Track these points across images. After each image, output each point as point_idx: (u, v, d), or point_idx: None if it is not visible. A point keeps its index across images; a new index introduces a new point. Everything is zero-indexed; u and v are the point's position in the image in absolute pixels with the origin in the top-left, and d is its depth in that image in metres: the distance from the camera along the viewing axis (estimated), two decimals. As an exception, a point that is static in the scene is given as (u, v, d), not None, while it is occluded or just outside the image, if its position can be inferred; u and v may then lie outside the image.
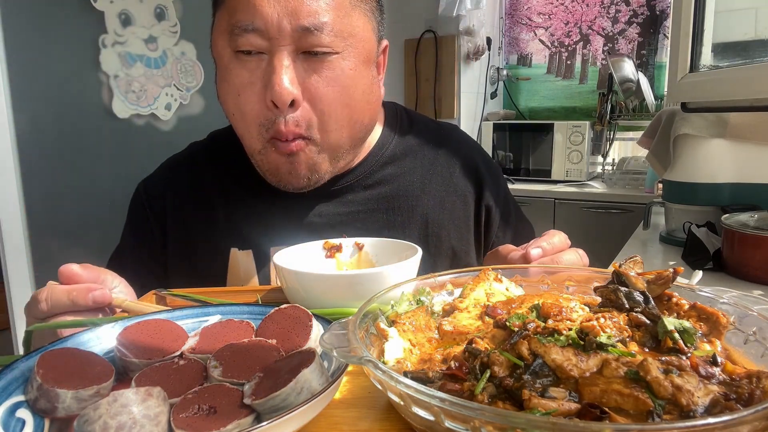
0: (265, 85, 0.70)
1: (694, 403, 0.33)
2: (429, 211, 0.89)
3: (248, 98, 0.72)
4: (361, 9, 0.74)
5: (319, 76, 0.71)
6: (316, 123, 0.73)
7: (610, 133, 3.08)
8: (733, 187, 1.47)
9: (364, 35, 0.74)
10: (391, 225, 0.87)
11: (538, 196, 2.82)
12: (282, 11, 0.68)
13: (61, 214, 1.99)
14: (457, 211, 0.92)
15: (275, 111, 0.71)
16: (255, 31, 0.68)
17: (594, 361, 0.38)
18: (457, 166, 0.93)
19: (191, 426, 0.37)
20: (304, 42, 0.69)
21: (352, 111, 0.76)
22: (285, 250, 0.70)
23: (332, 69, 0.72)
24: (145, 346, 0.47)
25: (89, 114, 2.05)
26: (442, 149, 0.94)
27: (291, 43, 0.69)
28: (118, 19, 2.06)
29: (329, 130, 0.74)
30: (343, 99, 0.73)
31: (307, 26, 0.68)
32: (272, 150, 0.74)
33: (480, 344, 0.42)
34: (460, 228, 0.92)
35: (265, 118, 0.72)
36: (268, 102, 0.70)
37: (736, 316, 0.45)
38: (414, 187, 0.89)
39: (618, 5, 3.22)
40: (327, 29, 0.69)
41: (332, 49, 0.71)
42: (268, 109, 0.71)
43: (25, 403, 0.41)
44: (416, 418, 0.36)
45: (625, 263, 0.51)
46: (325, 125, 0.74)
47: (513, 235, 0.96)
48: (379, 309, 0.49)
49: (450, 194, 0.92)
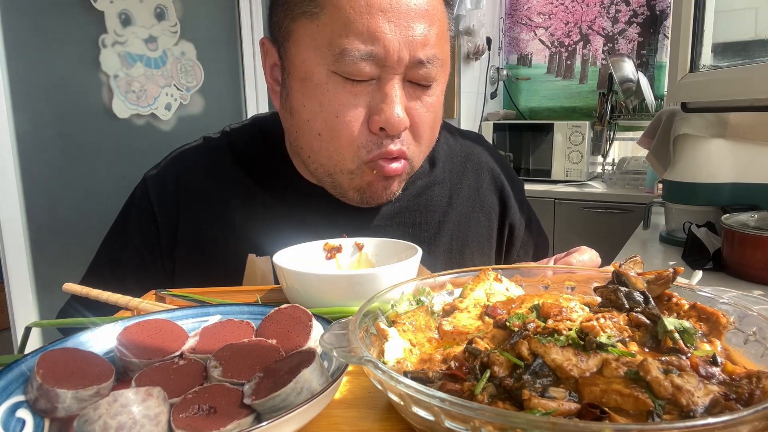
0: (373, 110, 0.70)
1: (694, 403, 0.33)
2: (454, 227, 0.88)
3: (348, 121, 0.70)
4: (450, 33, 0.76)
5: (421, 103, 0.73)
6: (415, 145, 0.75)
7: (610, 133, 3.08)
8: (733, 187, 1.47)
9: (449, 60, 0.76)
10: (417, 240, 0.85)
11: (538, 196, 2.82)
12: (402, 41, 0.67)
13: (61, 214, 1.99)
14: (482, 228, 0.91)
15: (380, 135, 0.71)
16: (371, 59, 0.67)
17: (594, 361, 0.38)
18: (484, 182, 0.93)
19: (191, 426, 0.37)
20: (415, 73, 0.70)
21: (435, 133, 0.79)
22: (285, 250, 0.70)
23: (431, 96, 0.74)
24: (145, 346, 0.47)
25: (89, 114, 2.04)
26: (470, 161, 0.93)
27: (403, 72, 0.69)
28: (118, 19, 2.06)
29: (422, 152, 0.77)
30: (434, 123, 0.76)
31: (422, 59, 0.68)
32: (369, 171, 0.74)
33: (480, 344, 0.42)
34: (482, 245, 0.91)
35: (367, 141, 0.71)
36: (374, 127, 0.70)
37: (736, 316, 0.45)
38: (442, 201, 0.89)
39: (618, 5, 3.22)
40: (436, 61, 0.70)
41: (437, 79, 0.73)
42: (372, 133, 0.71)
43: (25, 403, 0.41)
44: (416, 418, 0.36)
45: (625, 263, 0.51)
46: (419, 147, 0.76)
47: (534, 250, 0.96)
48: (379, 309, 0.49)
49: (476, 210, 0.91)
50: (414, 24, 0.67)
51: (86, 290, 0.66)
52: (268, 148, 0.86)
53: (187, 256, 0.84)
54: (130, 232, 0.86)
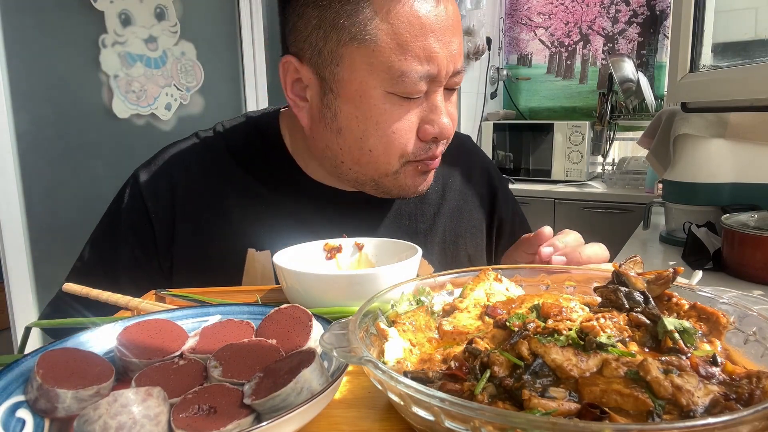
0: (424, 121, 0.75)
1: (694, 403, 0.33)
2: (448, 219, 0.93)
3: (402, 135, 0.75)
4: None
5: (452, 104, 0.79)
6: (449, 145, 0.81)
7: (610, 133, 3.08)
8: (733, 187, 1.47)
9: None
10: (415, 231, 0.90)
11: (538, 196, 2.82)
12: (448, 57, 0.72)
13: (61, 214, 1.99)
14: (474, 220, 0.96)
15: (430, 142, 0.76)
16: (427, 77, 0.72)
17: (594, 361, 0.38)
18: (473, 176, 0.98)
19: (191, 426, 0.37)
20: (451, 81, 0.76)
21: None
22: (285, 250, 0.70)
23: (454, 97, 0.80)
24: (145, 346, 0.47)
25: (89, 114, 2.04)
26: (460, 157, 0.98)
27: (443, 83, 0.75)
28: (118, 19, 2.06)
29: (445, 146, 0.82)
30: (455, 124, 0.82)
31: (459, 70, 0.75)
32: (411, 170, 0.78)
33: (480, 344, 0.42)
34: (475, 236, 0.95)
35: (416, 149, 0.76)
36: (426, 137, 0.75)
37: (736, 316, 0.45)
38: (437, 193, 0.93)
39: (618, 5, 3.22)
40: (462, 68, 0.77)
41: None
42: (421, 140, 0.76)
43: (25, 403, 0.41)
44: (416, 418, 0.36)
45: (625, 263, 0.51)
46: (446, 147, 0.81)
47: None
48: (379, 309, 0.49)
49: (467, 203, 0.95)
50: (453, 39, 0.73)
51: (86, 290, 0.66)
52: (266, 147, 0.87)
53: (185, 254, 0.84)
54: (122, 231, 0.85)
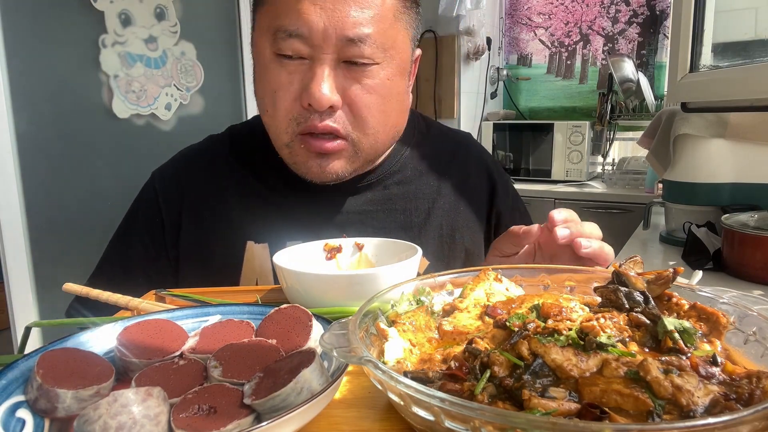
0: (303, 87, 0.73)
1: (694, 403, 0.33)
2: (444, 213, 0.92)
3: (284, 96, 0.75)
4: (404, 21, 0.78)
5: (359, 85, 0.75)
6: (356, 125, 0.77)
7: (610, 133, 3.08)
8: (733, 187, 1.47)
9: (403, 46, 0.78)
10: (408, 225, 0.90)
11: (538, 196, 2.81)
12: (328, 21, 0.70)
13: (61, 214, 1.99)
14: (471, 214, 0.95)
15: (310, 110, 0.74)
16: (299, 37, 0.71)
17: (594, 361, 0.38)
18: (471, 172, 0.97)
19: (191, 426, 0.37)
20: (346, 51, 0.72)
21: (388, 117, 0.80)
22: (285, 250, 0.71)
23: (372, 78, 0.75)
24: (145, 346, 0.47)
25: (89, 114, 2.04)
26: (457, 154, 0.98)
27: (334, 51, 0.72)
28: (118, 19, 2.06)
29: (367, 133, 0.78)
30: (380, 106, 0.77)
31: (351, 37, 0.71)
32: (299, 146, 0.77)
33: (480, 344, 0.42)
34: (473, 231, 0.95)
35: (298, 114, 0.75)
36: (304, 103, 0.74)
37: (736, 316, 0.45)
38: (431, 189, 0.92)
39: (618, 5, 3.22)
40: (370, 41, 0.72)
41: (373, 60, 0.74)
42: (303, 108, 0.74)
43: (25, 403, 0.41)
44: (416, 418, 0.36)
45: (625, 263, 0.51)
46: (363, 128, 0.78)
47: None
48: (379, 309, 0.49)
49: (464, 197, 0.95)
50: (341, 6, 0.71)
51: (86, 290, 0.66)
52: (264, 146, 0.89)
53: (190, 249, 0.88)
54: (138, 227, 0.91)
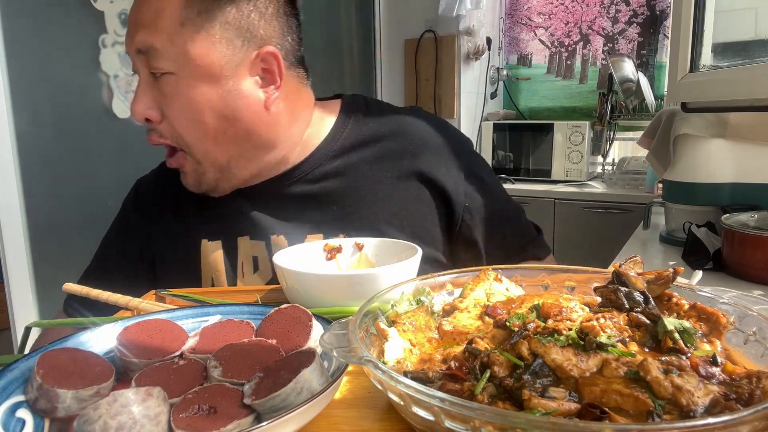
0: None
1: (694, 403, 0.33)
2: (380, 200, 0.87)
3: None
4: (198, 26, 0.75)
5: (164, 97, 0.77)
6: (178, 136, 0.80)
7: (610, 133, 3.08)
8: (733, 187, 1.46)
9: (201, 52, 0.76)
10: (344, 216, 0.86)
11: (538, 196, 2.81)
12: (131, 35, 0.77)
13: (61, 214, 1.99)
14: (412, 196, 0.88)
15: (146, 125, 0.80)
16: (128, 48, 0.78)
17: (594, 361, 0.38)
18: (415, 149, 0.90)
19: (191, 426, 0.37)
20: (148, 65, 0.76)
21: (208, 127, 0.79)
22: (285, 250, 0.71)
23: (165, 86, 0.77)
24: (145, 346, 0.47)
25: (89, 114, 2.04)
26: (399, 134, 0.90)
27: (141, 66, 0.77)
28: (118, 19, 2.06)
29: (190, 143, 0.80)
30: (188, 114, 0.78)
31: (139, 48, 0.76)
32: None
33: (480, 344, 0.42)
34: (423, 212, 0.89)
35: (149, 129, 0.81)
36: None
37: (736, 316, 0.45)
38: (365, 177, 0.88)
39: (618, 5, 3.21)
40: (154, 52, 0.75)
41: (165, 70, 0.76)
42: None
43: (25, 403, 0.41)
44: (416, 418, 0.36)
45: (625, 263, 0.51)
46: (184, 138, 0.79)
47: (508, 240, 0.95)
48: (379, 309, 0.49)
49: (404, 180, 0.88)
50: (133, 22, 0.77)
51: (86, 290, 0.67)
52: None
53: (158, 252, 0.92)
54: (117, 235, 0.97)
